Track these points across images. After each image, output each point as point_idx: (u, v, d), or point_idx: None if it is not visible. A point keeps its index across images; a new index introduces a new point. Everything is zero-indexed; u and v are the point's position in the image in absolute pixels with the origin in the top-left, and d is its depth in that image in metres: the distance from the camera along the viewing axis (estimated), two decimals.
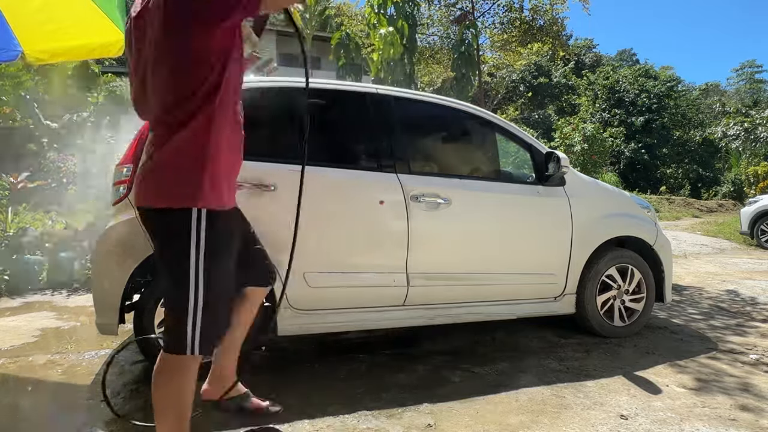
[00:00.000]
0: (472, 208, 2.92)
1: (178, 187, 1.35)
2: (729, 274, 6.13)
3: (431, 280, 2.82)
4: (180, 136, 1.34)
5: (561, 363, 2.83)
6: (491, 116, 3.24)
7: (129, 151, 2.54)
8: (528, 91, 24.55)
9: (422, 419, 2.12)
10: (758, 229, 8.80)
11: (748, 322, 3.84)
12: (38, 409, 2.24)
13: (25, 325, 3.58)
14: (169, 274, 1.41)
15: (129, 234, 2.41)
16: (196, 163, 1.35)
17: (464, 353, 2.97)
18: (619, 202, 3.48)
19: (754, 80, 37.53)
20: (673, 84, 26.00)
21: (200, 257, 1.35)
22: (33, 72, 6.86)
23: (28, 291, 4.72)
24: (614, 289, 3.29)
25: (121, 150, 2.60)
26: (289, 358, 2.96)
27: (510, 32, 9.56)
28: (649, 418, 2.16)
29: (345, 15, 14.33)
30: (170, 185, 1.35)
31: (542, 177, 3.11)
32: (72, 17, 2.87)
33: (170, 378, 1.45)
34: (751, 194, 15.27)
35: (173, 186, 1.35)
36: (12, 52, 2.97)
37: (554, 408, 2.25)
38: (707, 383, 2.57)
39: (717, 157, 23.84)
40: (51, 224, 5.92)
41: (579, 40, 31.89)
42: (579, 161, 13.06)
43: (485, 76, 13.14)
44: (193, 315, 1.36)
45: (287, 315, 2.58)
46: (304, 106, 1.53)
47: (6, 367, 2.75)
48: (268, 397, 2.19)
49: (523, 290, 3.10)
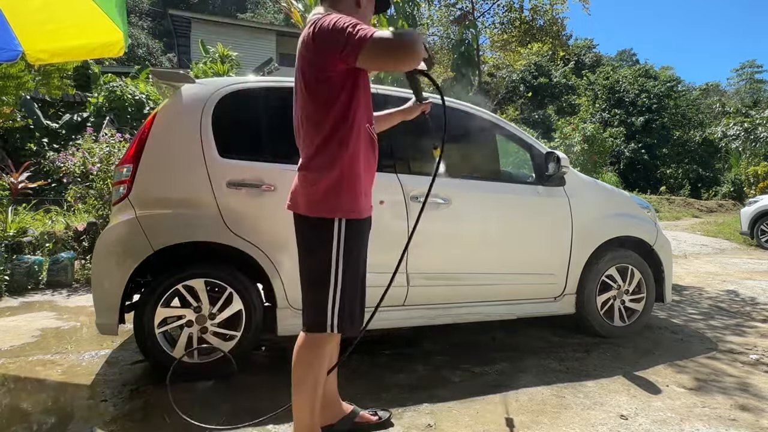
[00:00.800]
0: (472, 208, 2.93)
1: (326, 201, 1.62)
2: (729, 274, 6.13)
3: (431, 280, 2.82)
4: (325, 158, 1.61)
5: (561, 363, 2.83)
6: (491, 116, 3.24)
7: (129, 152, 2.54)
8: (528, 91, 24.54)
9: (422, 419, 2.12)
10: (758, 229, 8.80)
11: (748, 322, 3.84)
12: (38, 409, 2.24)
13: (25, 325, 3.58)
14: (315, 266, 1.65)
15: (129, 234, 2.42)
16: (341, 181, 1.61)
17: (464, 353, 2.97)
18: (619, 202, 3.48)
19: (754, 80, 37.48)
20: (673, 84, 25.99)
21: (340, 254, 1.61)
22: (34, 72, 6.85)
23: (28, 291, 4.73)
24: (614, 289, 3.29)
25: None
26: (289, 358, 2.96)
27: (510, 32, 9.55)
28: (649, 418, 2.16)
29: None
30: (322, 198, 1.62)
31: (542, 177, 3.11)
32: (72, 17, 2.87)
33: (311, 353, 1.67)
34: (751, 194, 15.28)
35: (325, 199, 1.62)
36: (12, 52, 2.97)
37: (554, 408, 2.25)
38: (707, 383, 2.57)
39: (717, 157, 23.84)
40: (51, 224, 5.92)
41: (579, 40, 31.88)
42: (579, 161, 13.07)
43: (485, 76, 13.13)
44: (332, 298, 1.61)
45: (287, 315, 2.58)
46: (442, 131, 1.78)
47: (6, 367, 2.75)
48: (270, 397, 2.20)
49: (523, 290, 3.10)
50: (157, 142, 2.48)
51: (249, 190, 2.52)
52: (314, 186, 1.62)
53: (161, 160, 2.49)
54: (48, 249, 5.30)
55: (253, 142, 2.69)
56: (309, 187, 1.64)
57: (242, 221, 2.50)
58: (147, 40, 30.03)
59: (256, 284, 2.62)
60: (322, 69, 1.56)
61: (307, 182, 1.64)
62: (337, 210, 1.62)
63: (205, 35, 18.15)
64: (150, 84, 11.16)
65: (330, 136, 1.60)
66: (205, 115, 2.54)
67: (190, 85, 2.60)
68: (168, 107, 2.57)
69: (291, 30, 20.20)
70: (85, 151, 5.92)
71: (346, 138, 1.60)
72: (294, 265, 2.56)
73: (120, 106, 10.50)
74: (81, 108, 11.38)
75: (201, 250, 2.53)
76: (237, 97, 2.65)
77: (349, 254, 1.63)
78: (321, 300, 1.63)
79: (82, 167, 5.83)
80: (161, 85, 2.70)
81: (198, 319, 2.49)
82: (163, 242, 2.42)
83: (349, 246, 1.63)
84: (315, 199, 1.62)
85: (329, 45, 1.51)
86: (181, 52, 23.98)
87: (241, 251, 2.50)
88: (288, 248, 2.55)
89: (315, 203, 1.63)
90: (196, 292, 2.49)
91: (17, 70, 6.09)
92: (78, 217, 6.02)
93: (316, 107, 1.61)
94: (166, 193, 2.49)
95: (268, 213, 2.53)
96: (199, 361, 2.49)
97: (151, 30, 32.81)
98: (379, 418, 2.05)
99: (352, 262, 1.65)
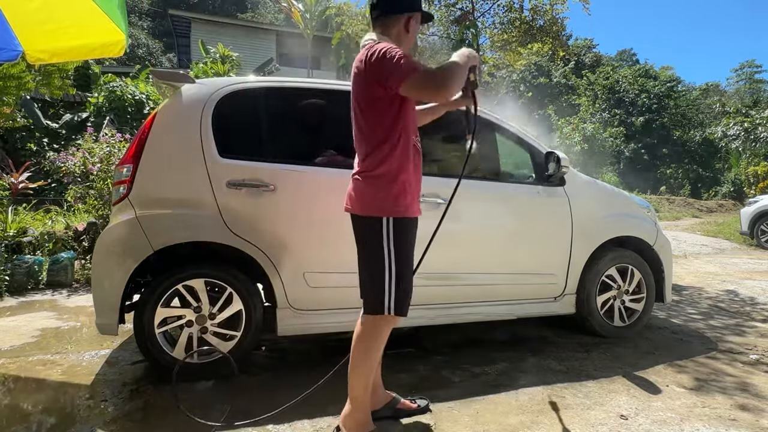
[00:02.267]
0: (471, 208, 2.92)
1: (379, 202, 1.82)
2: (729, 274, 6.13)
3: (431, 280, 2.82)
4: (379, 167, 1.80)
5: (561, 363, 2.83)
6: (491, 116, 3.24)
7: (129, 152, 2.54)
8: (528, 91, 24.54)
9: (422, 419, 2.12)
10: (758, 229, 8.81)
11: (748, 322, 3.84)
12: (38, 409, 2.24)
13: (25, 325, 3.58)
14: (372, 258, 1.84)
15: (129, 234, 2.42)
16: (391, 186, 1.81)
17: (464, 353, 2.97)
18: (619, 202, 3.48)
19: (754, 80, 37.47)
20: (673, 84, 26.01)
21: (391, 248, 1.81)
22: (34, 72, 6.84)
23: (28, 291, 4.73)
24: (614, 289, 3.29)
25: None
26: (289, 358, 2.97)
27: (510, 32, 9.53)
28: (649, 418, 2.16)
29: (345, 15, 14.31)
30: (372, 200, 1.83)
31: (542, 177, 3.11)
32: (72, 17, 2.86)
33: (371, 333, 1.86)
34: (751, 194, 15.29)
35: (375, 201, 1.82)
36: (12, 52, 2.97)
37: (554, 408, 2.25)
38: (707, 383, 2.57)
39: (717, 157, 23.85)
40: (51, 224, 5.92)
41: (579, 40, 31.85)
42: (579, 161, 13.07)
43: (485, 76, 13.13)
44: (388, 285, 1.81)
45: (287, 315, 2.58)
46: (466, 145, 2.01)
47: (6, 367, 2.75)
48: (270, 397, 2.20)
49: (523, 290, 3.10)
50: (157, 142, 2.48)
51: (249, 190, 2.51)
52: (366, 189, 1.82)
53: (161, 160, 2.49)
54: (48, 249, 5.30)
55: (253, 142, 2.69)
56: (361, 191, 1.83)
57: (242, 221, 2.49)
58: (147, 40, 30.02)
59: (256, 284, 2.62)
60: (371, 90, 1.77)
61: (359, 186, 1.84)
62: (385, 210, 1.80)
63: (205, 35, 18.17)
64: (150, 84, 11.17)
65: (379, 146, 1.80)
66: (205, 115, 2.54)
67: (190, 85, 2.60)
68: (168, 107, 2.57)
69: (291, 30, 20.21)
70: (85, 151, 5.92)
71: (393, 148, 1.79)
72: (294, 264, 2.58)
73: (120, 106, 10.51)
74: (81, 108, 11.40)
75: (201, 250, 2.53)
76: (237, 97, 2.65)
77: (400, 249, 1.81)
78: (378, 287, 1.81)
79: (82, 167, 5.83)
80: (161, 85, 2.69)
81: (198, 319, 2.49)
82: (163, 242, 2.42)
83: (399, 241, 1.81)
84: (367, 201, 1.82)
85: (377, 73, 1.71)
86: (181, 52, 23.99)
87: (241, 251, 2.50)
88: (288, 248, 2.55)
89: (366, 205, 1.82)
90: (196, 292, 2.49)
91: (18, 71, 6.08)
92: (78, 217, 6.02)
93: (366, 121, 1.82)
94: (166, 193, 2.49)
95: (268, 213, 2.53)
96: (199, 362, 2.49)
97: (151, 30, 32.80)
98: (418, 406, 2.19)
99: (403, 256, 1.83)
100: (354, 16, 13.25)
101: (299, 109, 2.82)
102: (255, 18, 33.25)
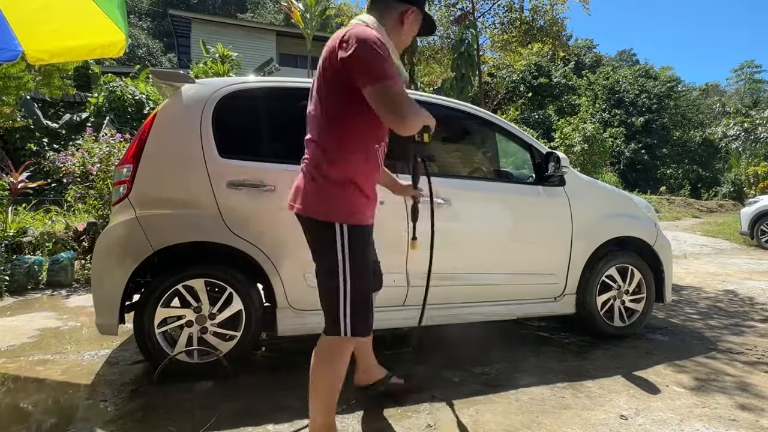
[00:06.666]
0: (471, 208, 2.92)
1: (335, 206, 1.63)
2: (729, 274, 6.13)
3: (431, 280, 2.82)
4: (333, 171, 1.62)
5: (561, 363, 2.83)
6: (491, 116, 3.24)
7: (129, 152, 2.54)
8: (528, 92, 24.53)
9: (422, 419, 2.12)
10: (758, 229, 8.81)
11: (747, 322, 3.84)
12: (38, 409, 2.24)
13: (25, 325, 3.58)
14: (323, 270, 1.67)
15: (129, 234, 2.42)
16: (345, 190, 1.63)
17: (464, 353, 2.97)
18: (619, 202, 3.48)
19: (754, 80, 37.49)
20: (673, 84, 26.02)
21: (346, 258, 1.62)
22: (34, 72, 6.85)
23: (28, 291, 4.72)
24: (614, 289, 3.29)
25: None
26: (289, 358, 2.96)
27: (510, 32, 9.54)
28: (649, 418, 2.16)
29: (345, 15, 14.31)
30: (327, 204, 1.64)
31: (542, 177, 3.11)
32: (72, 17, 2.86)
33: (329, 357, 1.72)
34: (751, 194, 15.29)
35: (331, 205, 1.63)
36: (12, 52, 2.97)
37: (554, 408, 2.25)
38: (707, 383, 2.57)
39: (717, 158, 23.87)
40: (51, 224, 5.92)
41: (579, 41, 31.89)
42: (579, 161, 13.07)
43: (485, 76, 13.13)
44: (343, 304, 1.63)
45: (287, 315, 2.58)
46: None
47: (6, 367, 2.75)
48: (269, 398, 2.19)
49: (523, 290, 3.10)
50: (157, 142, 2.48)
51: (249, 190, 2.51)
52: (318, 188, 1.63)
53: (161, 160, 2.49)
54: (48, 249, 5.30)
55: (253, 142, 2.69)
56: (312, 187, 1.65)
57: (242, 221, 2.49)
58: (147, 40, 30.03)
59: (256, 284, 2.62)
60: (344, 77, 1.57)
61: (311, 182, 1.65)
62: (340, 215, 1.62)
63: (205, 35, 18.16)
64: (150, 84, 11.16)
65: (339, 139, 1.62)
66: (205, 116, 2.54)
67: (190, 85, 2.60)
68: (168, 107, 2.57)
69: (291, 30, 20.21)
70: (85, 151, 5.92)
71: (354, 145, 1.64)
72: (294, 264, 2.58)
73: (120, 106, 10.51)
74: (81, 108, 11.39)
75: (201, 250, 2.53)
76: (237, 98, 2.65)
77: (355, 259, 1.63)
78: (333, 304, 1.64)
79: (82, 167, 5.82)
80: (161, 85, 2.69)
81: (198, 319, 2.49)
82: (163, 242, 2.42)
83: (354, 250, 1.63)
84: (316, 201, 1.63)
85: (355, 67, 1.53)
86: (181, 52, 23.99)
87: (241, 251, 2.50)
88: (288, 248, 2.55)
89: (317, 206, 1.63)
90: (196, 292, 2.49)
91: (18, 71, 6.09)
92: (78, 217, 6.03)
93: (330, 106, 1.63)
94: (166, 193, 2.49)
95: (268, 213, 2.53)
96: (198, 362, 2.49)
97: (151, 30, 32.81)
98: (404, 381, 2.36)
99: (359, 267, 1.64)
100: (354, 17, 13.24)
101: (299, 109, 2.81)
102: (255, 18, 33.26)
